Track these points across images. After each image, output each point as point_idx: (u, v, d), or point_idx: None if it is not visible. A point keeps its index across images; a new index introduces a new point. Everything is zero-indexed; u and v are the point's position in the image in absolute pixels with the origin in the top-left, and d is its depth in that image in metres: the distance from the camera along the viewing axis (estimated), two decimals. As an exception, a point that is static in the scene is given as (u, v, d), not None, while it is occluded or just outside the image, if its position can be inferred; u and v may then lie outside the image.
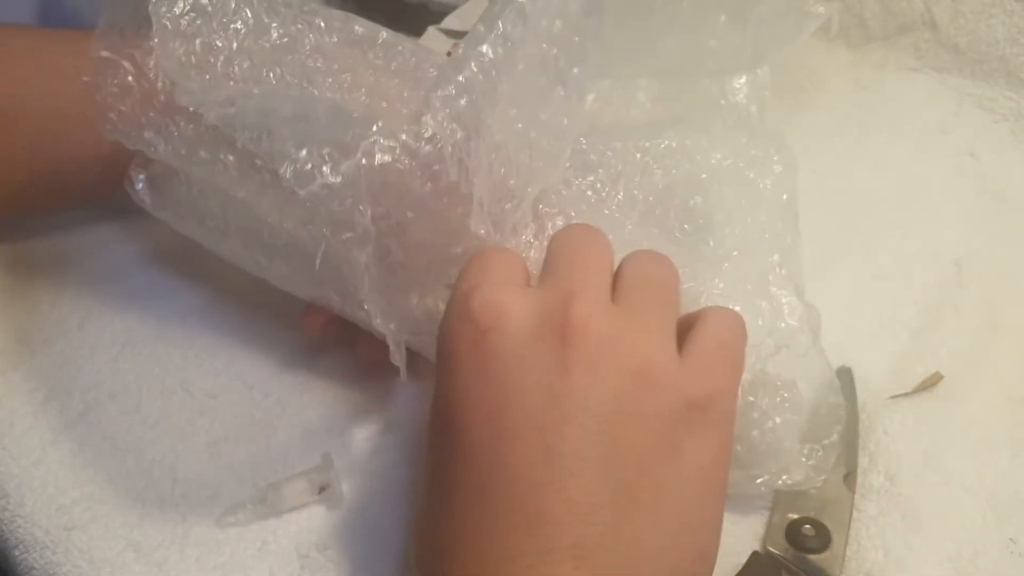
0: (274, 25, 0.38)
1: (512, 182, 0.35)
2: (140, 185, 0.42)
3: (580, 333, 0.30)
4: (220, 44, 0.37)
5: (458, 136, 0.33)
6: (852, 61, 0.58)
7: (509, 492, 0.29)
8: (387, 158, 0.32)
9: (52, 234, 0.50)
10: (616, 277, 0.33)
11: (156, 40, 0.35)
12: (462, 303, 0.31)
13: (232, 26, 0.37)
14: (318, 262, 0.35)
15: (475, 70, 0.33)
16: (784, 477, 0.36)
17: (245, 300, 0.46)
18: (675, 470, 0.30)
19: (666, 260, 0.35)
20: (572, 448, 0.29)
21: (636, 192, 0.42)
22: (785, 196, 0.42)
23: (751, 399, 0.36)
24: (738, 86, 0.47)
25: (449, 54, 0.48)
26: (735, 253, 0.40)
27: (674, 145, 0.43)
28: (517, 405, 0.29)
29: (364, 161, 0.31)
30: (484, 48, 0.33)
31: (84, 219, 0.51)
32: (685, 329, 0.33)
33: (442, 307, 0.34)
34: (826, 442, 0.37)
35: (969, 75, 0.56)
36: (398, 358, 0.35)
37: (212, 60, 0.37)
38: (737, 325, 0.34)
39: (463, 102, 0.33)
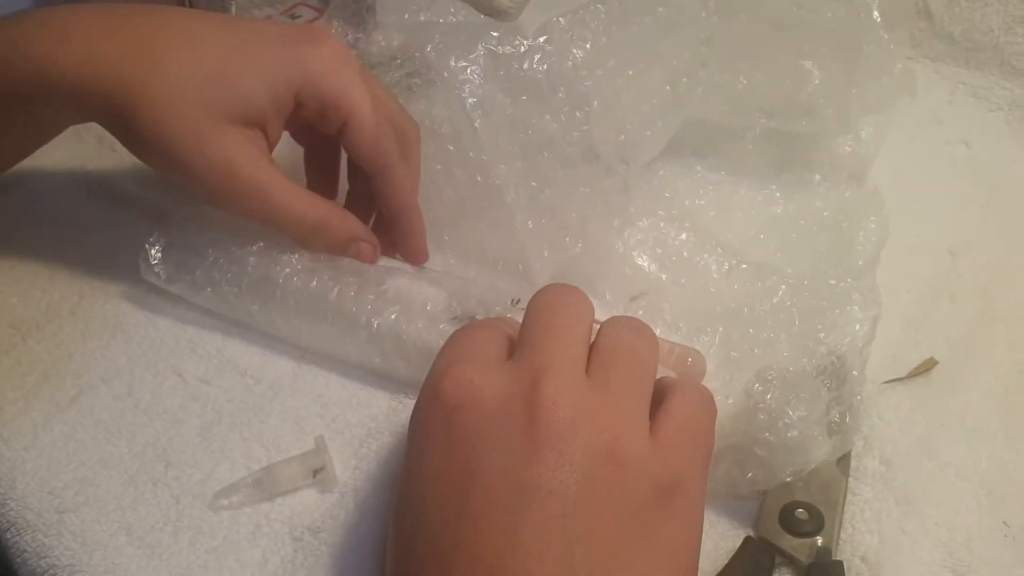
0: None
1: None
2: (155, 258, 0.44)
3: (548, 413, 0.29)
4: None
5: None
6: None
7: (472, 571, 0.28)
8: None
9: (44, 220, 0.50)
10: (594, 345, 0.33)
11: None
12: (434, 381, 0.32)
13: None
14: (329, 312, 0.41)
15: None
16: (810, 464, 0.36)
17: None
18: (646, 553, 0.29)
19: (645, 328, 0.34)
20: (535, 532, 0.28)
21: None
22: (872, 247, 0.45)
23: (754, 403, 0.36)
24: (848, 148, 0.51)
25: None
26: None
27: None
28: (482, 486, 0.29)
29: None
30: None
31: (77, 204, 0.51)
32: (658, 398, 0.33)
33: None
34: (840, 413, 0.37)
35: (963, 64, 0.56)
36: None
37: None
38: (705, 400, 0.34)
39: None
